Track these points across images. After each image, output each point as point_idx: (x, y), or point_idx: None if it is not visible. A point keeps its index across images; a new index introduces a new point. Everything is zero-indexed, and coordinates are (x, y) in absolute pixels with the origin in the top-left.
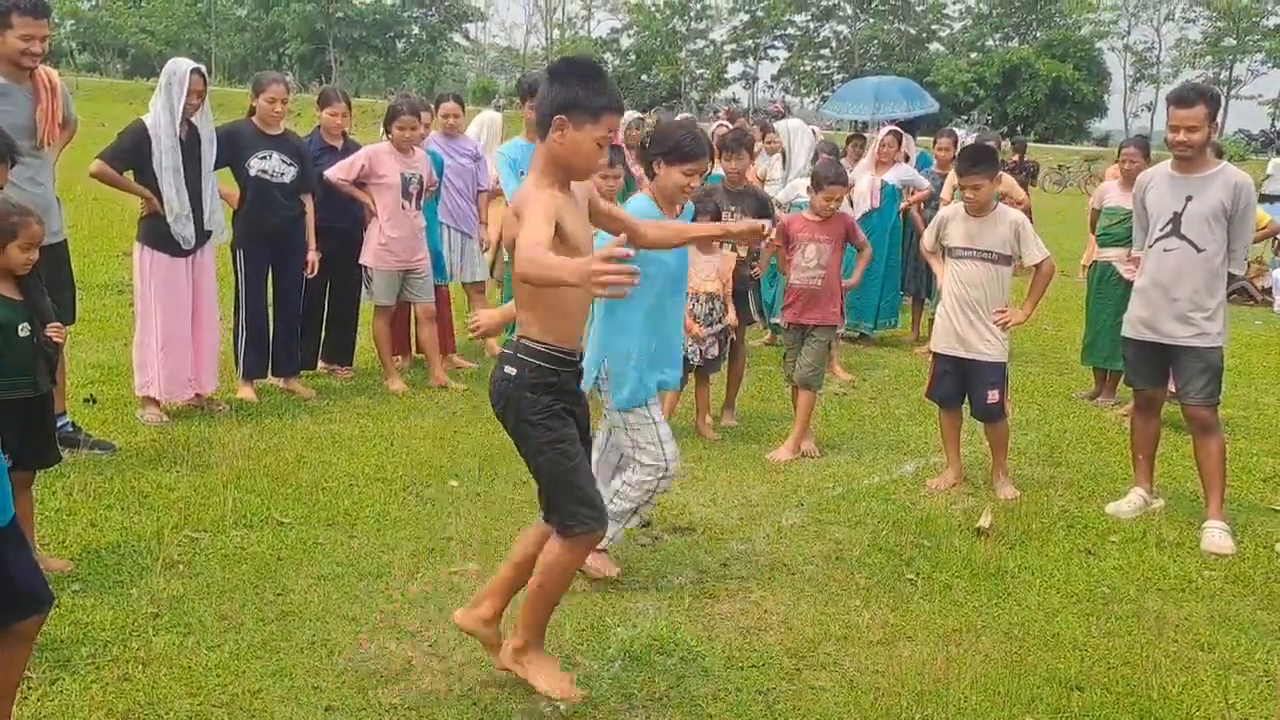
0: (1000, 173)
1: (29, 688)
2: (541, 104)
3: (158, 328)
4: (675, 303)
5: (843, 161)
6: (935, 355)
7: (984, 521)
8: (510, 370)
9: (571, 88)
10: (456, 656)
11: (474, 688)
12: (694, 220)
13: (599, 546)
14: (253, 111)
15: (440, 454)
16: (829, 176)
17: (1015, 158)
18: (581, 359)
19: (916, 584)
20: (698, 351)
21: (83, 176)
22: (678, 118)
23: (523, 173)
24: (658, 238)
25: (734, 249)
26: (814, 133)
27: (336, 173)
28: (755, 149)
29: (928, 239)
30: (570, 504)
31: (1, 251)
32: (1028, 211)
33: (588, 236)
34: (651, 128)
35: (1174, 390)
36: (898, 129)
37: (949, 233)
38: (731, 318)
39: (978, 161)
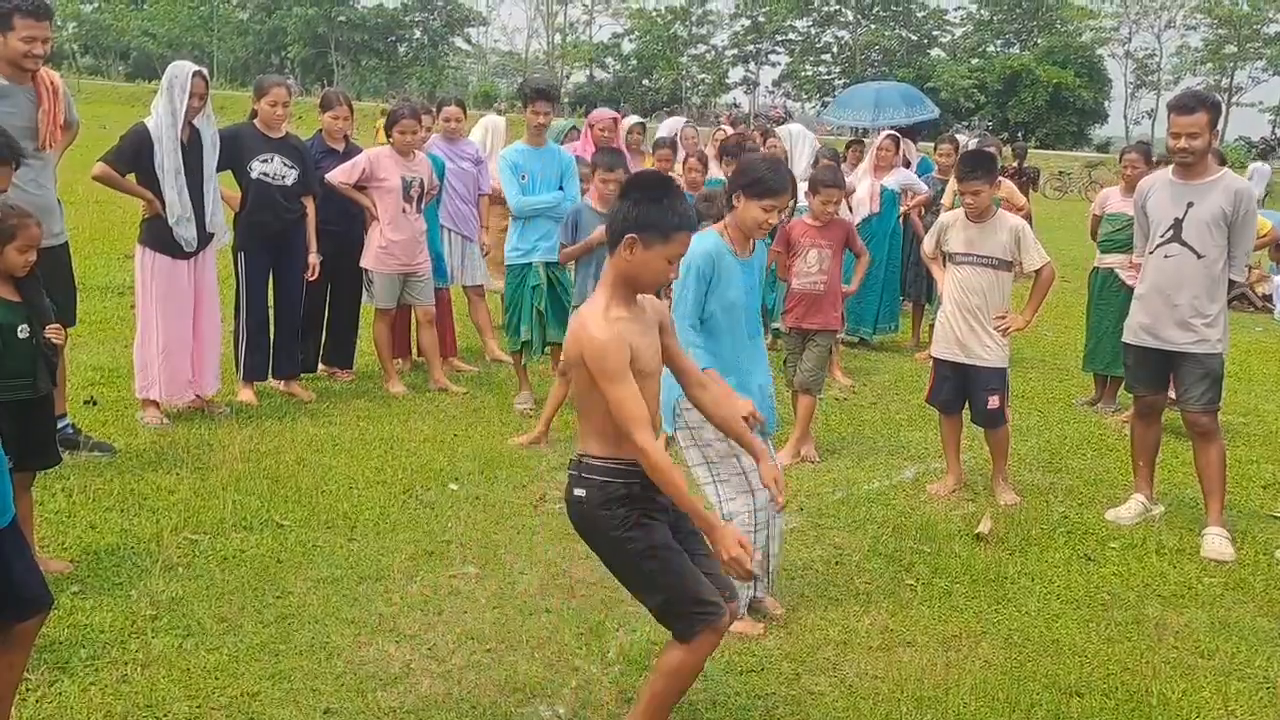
0: (1000, 178)
1: (28, 689)
2: (613, 222)
3: (158, 330)
4: (754, 345)
5: (842, 167)
6: (935, 360)
7: (984, 527)
8: (580, 493)
9: (644, 207)
10: (455, 660)
11: (473, 691)
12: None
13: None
14: (254, 114)
15: (440, 457)
16: (825, 180)
17: (1015, 163)
18: None
19: (916, 589)
20: None
21: (84, 179)
22: (672, 119)
23: (524, 177)
24: (700, 400)
25: None
26: (814, 139)
27: (338, 176)
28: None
29: (928, 245)
30: (684, 609)
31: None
32: (1028, 217)
33: (656, 359)
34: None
35: (1174, 396)
36: (895, 133)
37: (949, 238)
38: None
39: (977, 167)
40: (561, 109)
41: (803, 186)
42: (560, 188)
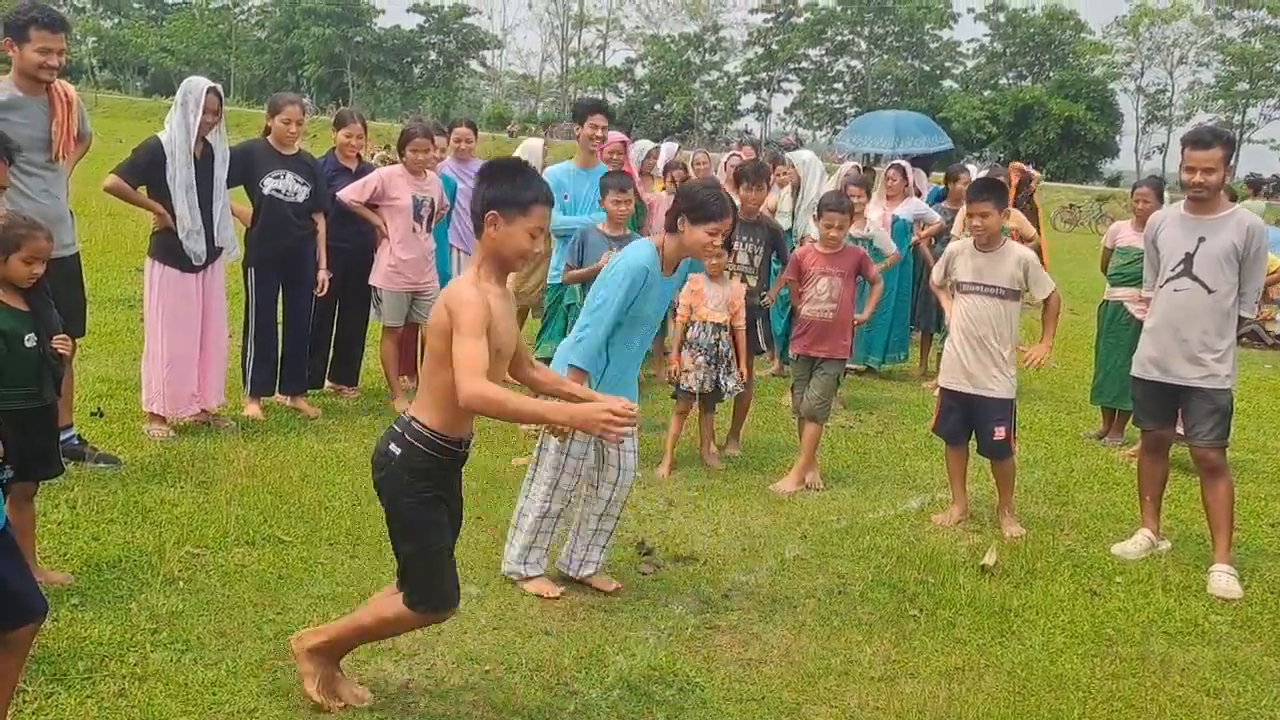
0: (1009, 207)
1: (24, 700)
2: (474, 203)
3: (164, 342)
4: (644, 344)
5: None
6: (942, 390)
7: (989, 559)
8: (395, 449)
9: (499, 185)
10: (454, 680)
11: (470, 713)
12: None
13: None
14: (268, 131)
15: None
16: (829, 204)
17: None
18: (468, 446)
19: (919, 620)
20: (701, 379)
21: (97, 191)
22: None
23: (566, 197)
24: (529, 379)
25: (744, 279)
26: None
27: (349, 194)
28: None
29: (937, 274)
30: (422, 587)
31: (4, 262)
32: (1039, 250)
33: (512, 342)
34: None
35: (1182, 431)
36: (902, 163)
37: (957, 267)
38: (741, 370)
39: (985, 190)
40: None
41: (814, 213)
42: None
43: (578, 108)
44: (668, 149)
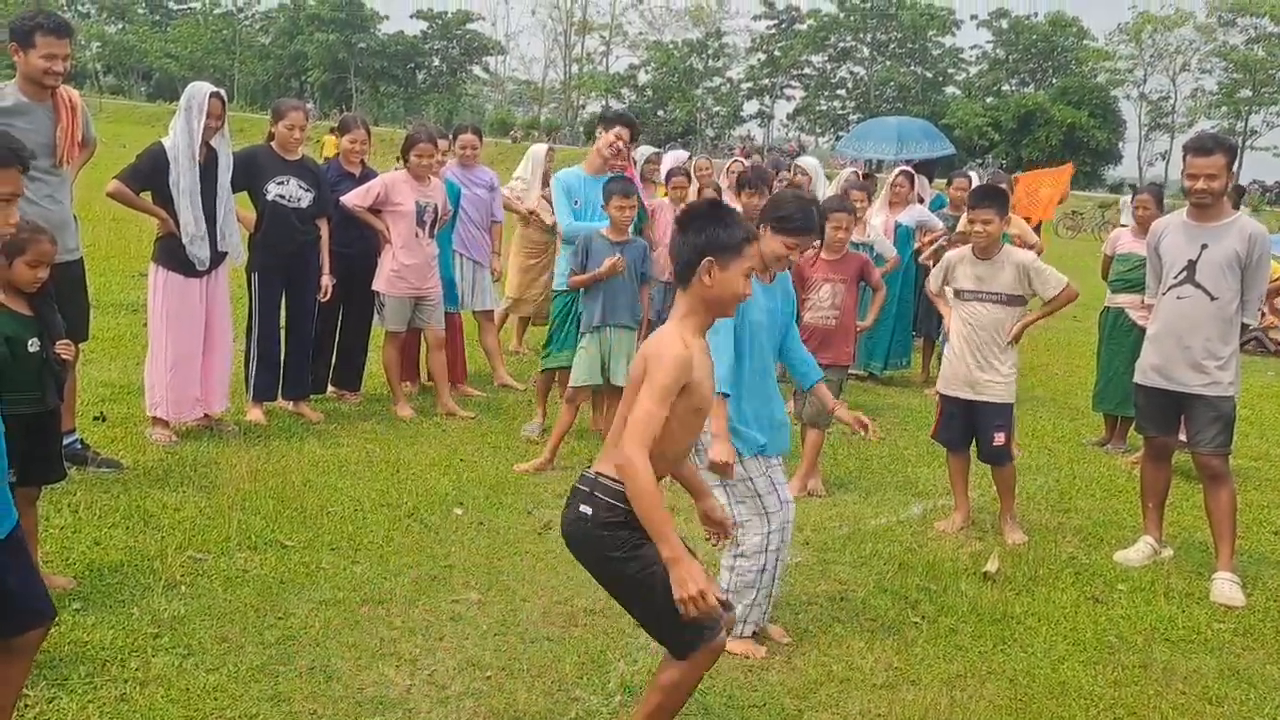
0: (1010, 214)
1: (26, 705)
2: (682, 253)
3: (169, 347)
4: (772, 376)
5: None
6: (942, 397)
7: (991, 566)
8: (585, 510)
9: (711, 229)
10: (455, 687)
11: (471, 717)
12: None
13: (737, 635)
14: (271, 137)
15: (445, 482)
16: (833, 205)
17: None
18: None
19: (921, 627)
20: None
21: (101, 196)
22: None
23: (577, 202)
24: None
25: None
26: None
27: (353, 199)
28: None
29: (934, 281)
30: (677, 628)
31: (9, 267)
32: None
33: (711, 389)
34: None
35: (1185, 439)
36: (908, 169)
37: (956, 275)
38: None
39: (987, 197)
40: (578, 137)
41: None
42: None
43: (605, 116)
44: (674, 156)
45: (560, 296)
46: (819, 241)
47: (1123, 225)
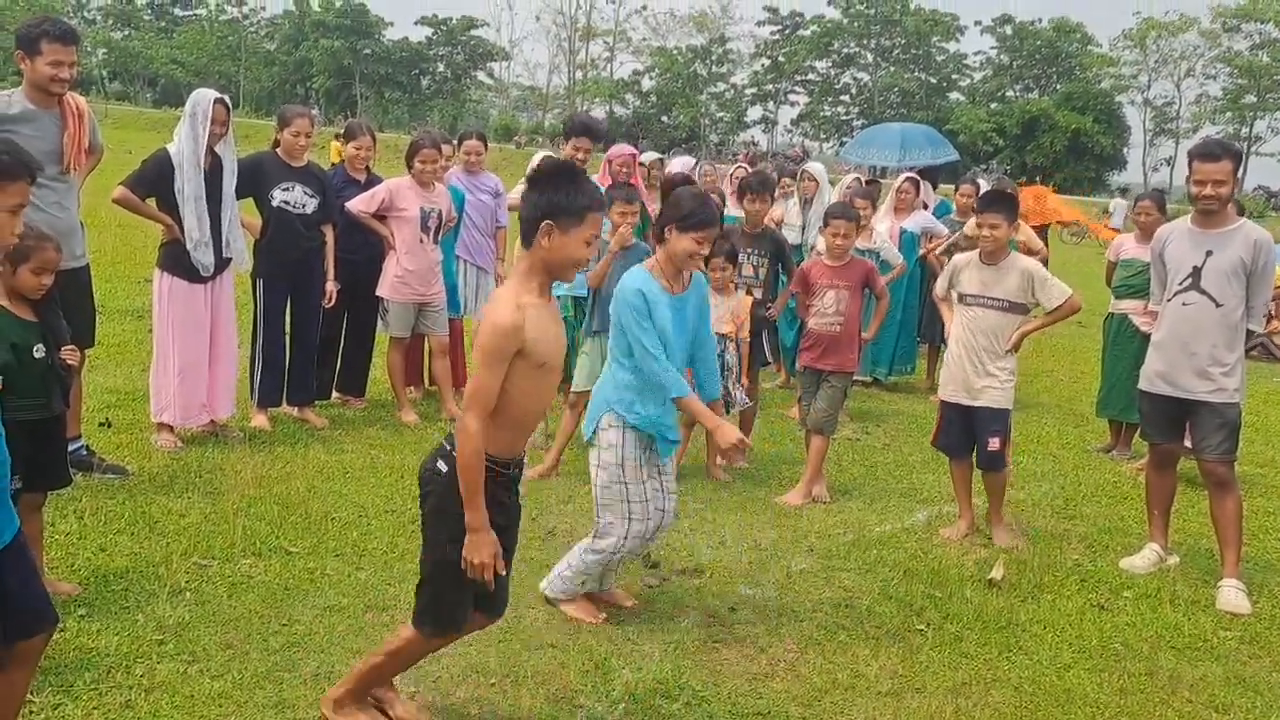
0: (1019, 221)
1: (31, 712)
2: (527, 211)
3: (175, 353)
4: (702, 358)
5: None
6: (942, 403)
7: (996, 573)
8: (442, 466)
9: (555, 193)
10: (459, 694)
11: None
12: (708, 261)
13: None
14: (277, 144)
15: None
16: (835, 212)
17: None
18: (519, 467)
19: (926, 635)
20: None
21: (107, 202)
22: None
23: None
24: None
25: (749, 290)
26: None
27: (357, 205)
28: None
29: (941, 286)
30: (433, 603)
31: (13, 273)
32: (1044, 263)
33: (559, 351)
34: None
35: (1190, 445)
36: (915, 176)
37: (962, 280)
38: (744, 382)
39: (997, 201)
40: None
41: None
42: None
43: (567, 126)
44: (682, 163)
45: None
46: (719, 233)
47: (1111, 228)
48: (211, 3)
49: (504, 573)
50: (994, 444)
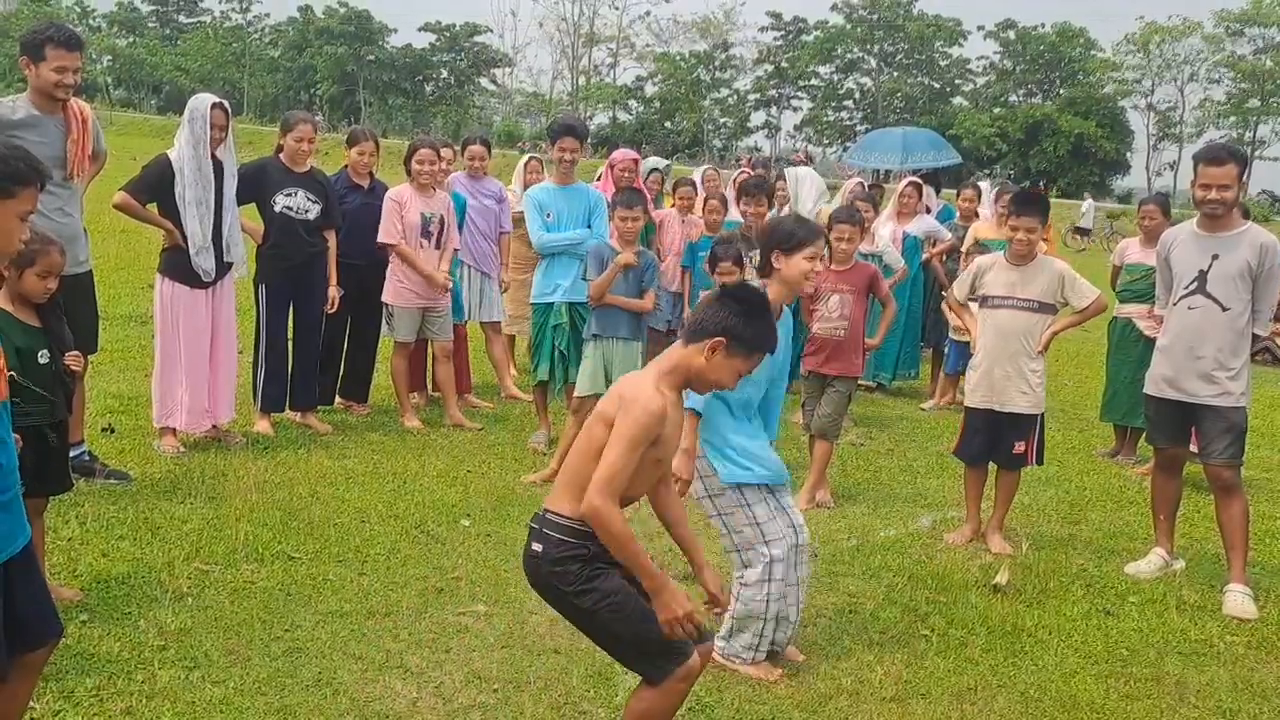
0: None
1: (32, 718)
2: (705, 319)
3: (178, 359)
4: (774, 396)
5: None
6: (969, 410)
7: (1001, 578)
8: (536, 547)
9: (748, 320)
10: (462, 699)
11: None
12: (716, 266)
13: (750, 660)
14: (279, 149)
15: (453, 493)
16: (839, 216)
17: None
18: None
19: (931, 640)
20: None
21: (110, 208)
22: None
23: (549, 215)
24: (663, 504)
25: None
26: (821, 182)
27: (386, 239)
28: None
29: (960, 290)
30: (649, 652)
31: (19, 278)
32: None
33: (676, 443)
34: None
35: (1196, 450)
36: (917, 180)
37: (986, 282)
38: None
39: (1030, 203)
40: (586, 149)
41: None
42: (588, 225)
43: (551, 129)
44: (654, 161)
45: (538, 309)
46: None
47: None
48: (216, 9)
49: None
50: (1019, 447)
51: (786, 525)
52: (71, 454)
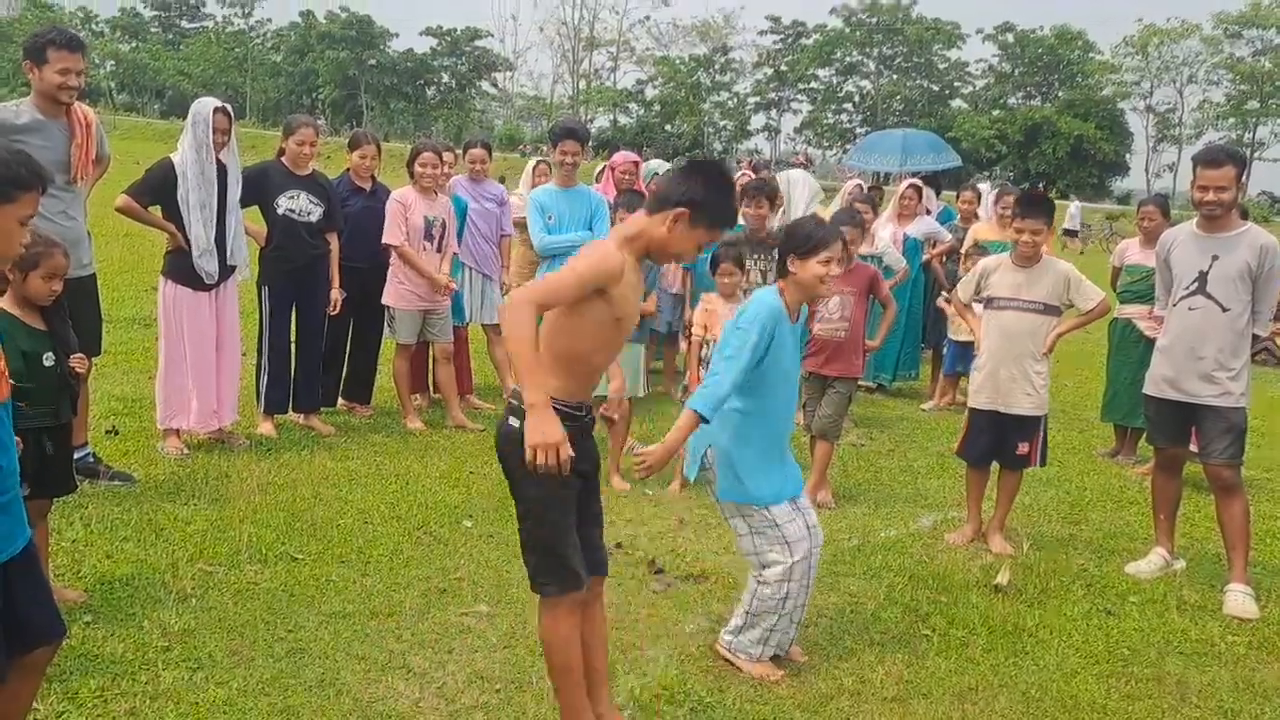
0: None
1: (35, 719)
2: (668, 188)
3: (182, 361)
4: (787, 397)
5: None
6: (973, 412)
7: (1002, 578)
8: (514, 422)
9: (711, 191)
10: (464, 699)
11: None
12: (717, 268)
13: (756, 657)
14: (282, 153)
15: (455, 494)
16: (840, 219)
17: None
18: (589, 412)
19: (932, 640)
20: None
21: (113, 212)
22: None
23: (551, 217)
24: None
25: None
26: (815, 185)
27: (393, 240)
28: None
29: (965, 291)
30: (543, 562)
31: (23, 280)
32: None
33: (636, 311)
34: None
35: (1196, 450)
36: (917, 182)
37: (991, 283)
38: None
39: (1036, 205)
40: (587, 152)
41: None
42: (590, 228)
43: (552, 131)
44: (658, 164)
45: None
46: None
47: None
48: (218, 14)
49: (574, 454)
50: (1023, 448)
51: (808, 525)
52: (76, 456)
